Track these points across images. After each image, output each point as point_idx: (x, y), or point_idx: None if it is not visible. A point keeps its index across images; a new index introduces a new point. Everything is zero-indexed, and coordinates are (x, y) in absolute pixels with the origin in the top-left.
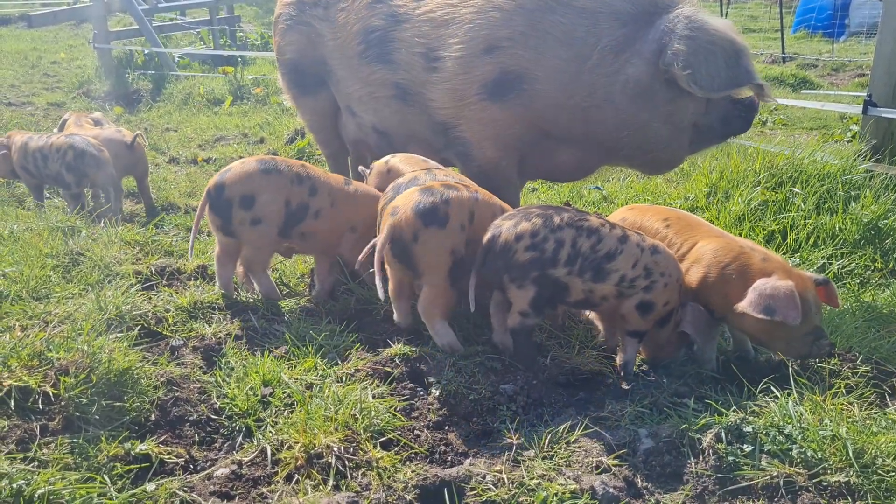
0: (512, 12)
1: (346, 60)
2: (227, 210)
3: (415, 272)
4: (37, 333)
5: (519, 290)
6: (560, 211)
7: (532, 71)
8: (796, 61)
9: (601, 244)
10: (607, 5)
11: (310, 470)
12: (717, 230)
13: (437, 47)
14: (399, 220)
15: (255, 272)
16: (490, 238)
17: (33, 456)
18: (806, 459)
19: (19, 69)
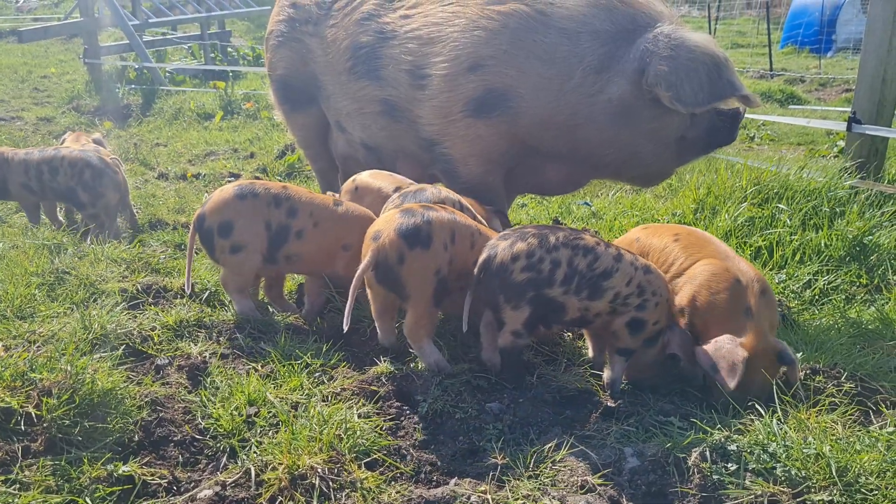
0: (496, 31)
1: (336, 76)
2: (210, 239)
3: (401, 295)
4: (20, 353)
5: (514, 310)
6: (555, 230)
7: (516, 89)
8: (784, 77)
9: (597, 262)
10: (588, 25)
11: (293, 492)
12: (724, 251)
13: (424, 65)
14: (383, 243)
15: (229, 291)
16: (486, 258)
17: (15, 478)
18: (790, 478)
19: (9, 84)
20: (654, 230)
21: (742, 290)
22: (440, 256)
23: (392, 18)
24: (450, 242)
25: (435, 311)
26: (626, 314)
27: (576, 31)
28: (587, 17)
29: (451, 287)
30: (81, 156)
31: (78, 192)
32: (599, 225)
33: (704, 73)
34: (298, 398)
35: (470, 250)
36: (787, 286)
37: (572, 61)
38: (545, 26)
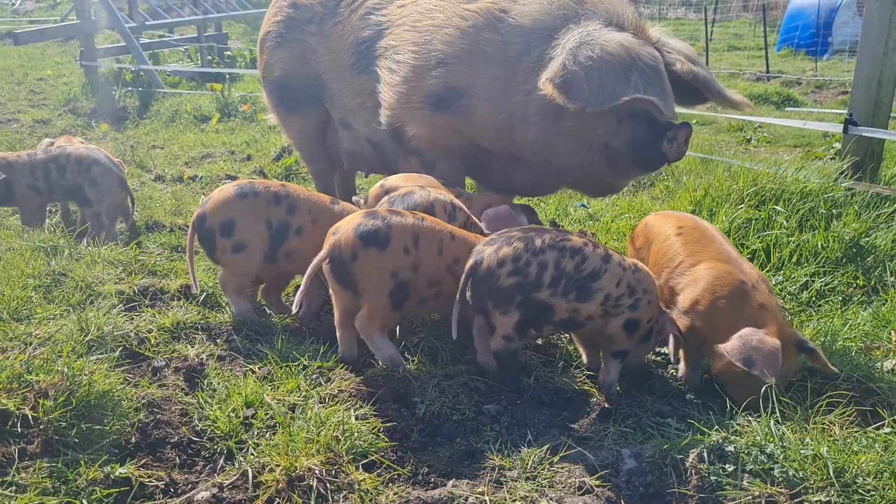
0: (464, 31)
1: (340, 73)
2: (211, 239)
3: (354, 293)
4: (17, 355)
5: (503, 315)
6: (541, 232)
7: (472, 87)
8: (780, 79)
9: (585, 264)
10: (541, 22)
11: (290, 493)
12: (725, 252)
13: (400, 51)
14: (339, 239)
15: (227, 292)
16: (472, 265)
17: (11, 480)
18: (788, 479)
19: (5, 86)
20: (664, 218)
21: (748, 292)
22: (398, 259)
23: (390, 10)
24: (412, 247)
25: (389, 309)
26: (621, 316)
27: (529, 30)
28: (543, 17)
29: (422, 294)
30: (88, 153)
31: (85, 189)
32: (596, 227)
33: (607, 74)
34: (296, 400)
35: (438, 256)
36: (785, 287)
37: (522, 59)
38: (505, 24)
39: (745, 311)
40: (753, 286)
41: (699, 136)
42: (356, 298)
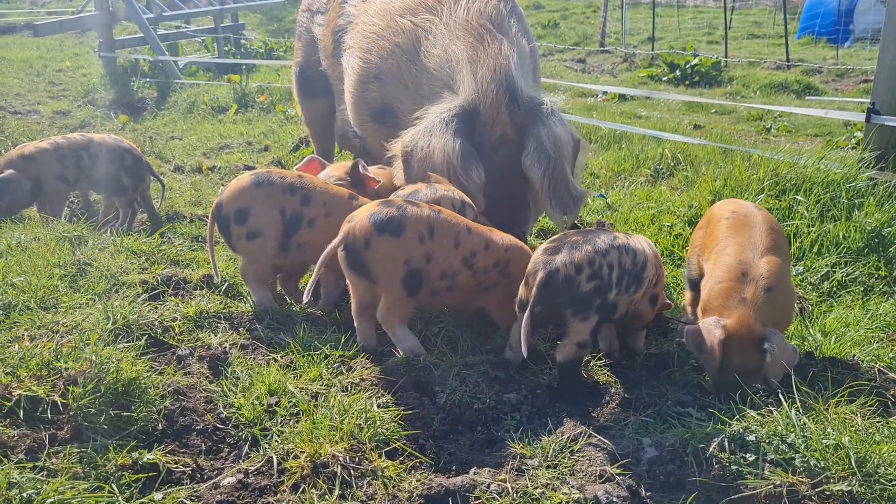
0: (394, 46)
1: (327, 59)
2: (227, 227)
3: (368, 279)
4: (45, 343)
5: (583, 321)
6: (593, 234)
7: (398, 108)
8: (800, 67)
9: (637, 257)
10: (440, 70)
11: (315, 479)
12: (752, 242)
13: (353, 56)
14: (353, 226)
15: (248, 282)
16: (546, 275)
17: (42, 465)
18: (809, 468)
19: (25, 78)
20: (725, 203)
21: (738, 286)
22: (411, 247)
23: (357, 4)
24: (427, 237)
25: (408, 300)
26: (649, 293)
27: (432, 75)
28: (440, 67)
29: (435, 285)
30: (118, 142)
31: (121, 177)
32: (615, 217)
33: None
34: (318, 388)
35: (454, 248)
36: (805, 278)
37: (422, 102)
38: (419, 58)
39: (729, 304)
40: (752, 279)
41: (719, 125)
42: (371, 286)
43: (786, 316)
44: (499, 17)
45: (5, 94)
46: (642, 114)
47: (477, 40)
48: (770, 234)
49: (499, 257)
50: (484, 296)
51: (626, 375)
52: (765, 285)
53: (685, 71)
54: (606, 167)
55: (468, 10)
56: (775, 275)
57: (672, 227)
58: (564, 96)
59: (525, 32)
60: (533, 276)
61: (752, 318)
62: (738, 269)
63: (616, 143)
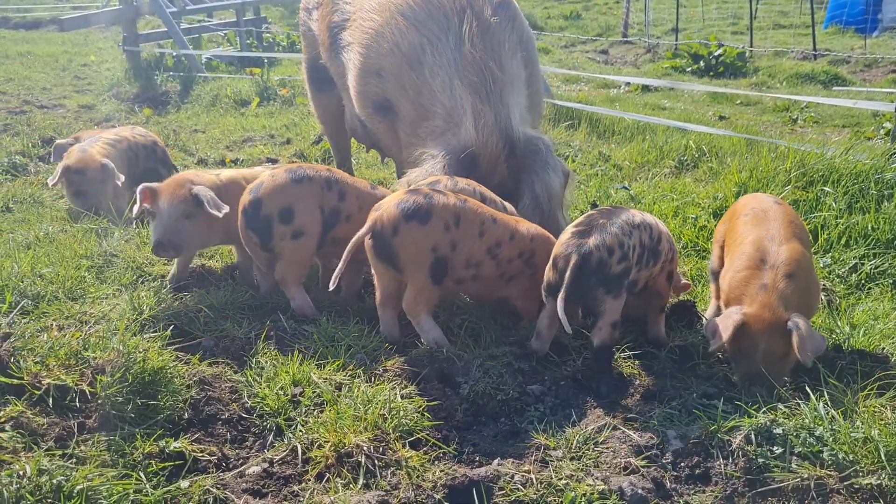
0: (393, 46)
1: (326, 54)
2: (268, 226)
3: (396, 268)
4: (73, 333)
5: (615, 300)
6: (614, 214)
7: (398, 106)
8: (828, 57)
9: (653, 231)
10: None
11: (340, 469)
12: (771, 233)
13: (353, 52)
14: (381, 214)
15: (288, 286)
16: (580, 260)
17: (72, 452)
18: (837, 462)
19: (51, 72)
20: (748, 198)
21: (756, 273)
22: (438, 235)
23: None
24: (453, 225)
25: (434, 289)
26: (665, 269)
27: (435, 96)
28: (445, 93)
29: (459, 274)
30: (148, 136)
31: (160, 171)
32: (638, 209)
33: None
34: (342, 379)
35: (478, 237)
36: (833, 270)
37: (423, 119)
38: (422, 68)
39: (748, 293)
40: (772, 265)
41: (744, 116)
42: (397, 274)
43: (809, 305)
44: (500, 48)
45: (32, 89)
46: (666, 105)
47: (481, 81)
48: (789, 226)
49: (524, 247)
50: (508, 286)
51: (651, 367)
52: (785, 271)
53: (709, 62)
54: (630, 159)
55: (472, 36)
56: (795, 261)
57: (696, 218)
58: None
59: (524, 51)
60: (564, 259)
61: (775, 301)
62: (757, 257)
63: (640, 134)
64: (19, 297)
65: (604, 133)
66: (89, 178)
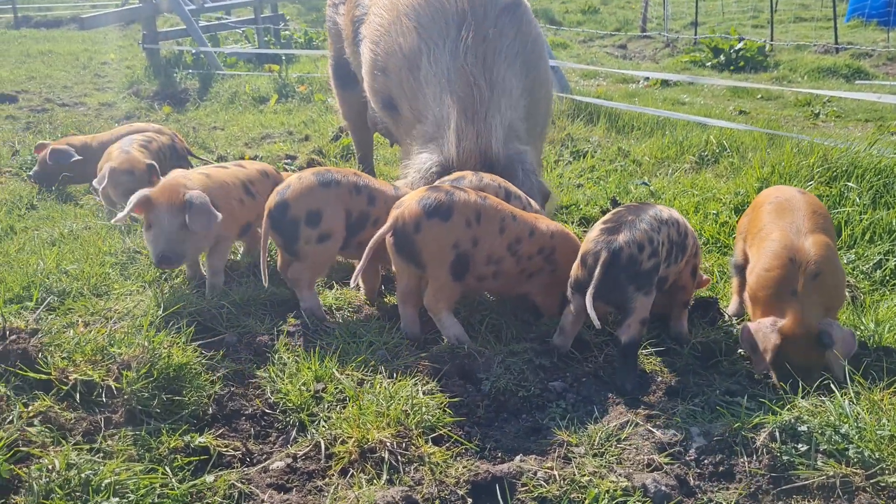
0: (395, 45)
1: (350, 48)
2: (294, 229)
3: (417, 265)
4: (99, 329)
5: (646, 297)
6: (642, 211)
7: (399, 104)
8: (850, 51)
9: (679, 226)
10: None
11: (363, 464)
12: (797, 226)
13: (365, 46)
14: (402, 211)
15: (301, 287)
16: (610, 255)
17: (99, 447)
18: (863, 459)
19: (71, 70)
20: (771, 189)
21: (788, 277)
22: (459, 231)
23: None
24: (474, 222)
25: (455, 286)
26: (690, 263)
27: (428, 103)
28: (435, 97)
29: (480, 271)
30: (171, 135)
31: (184, 166)
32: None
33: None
34: (364, 375)
35: (499, 234)
36: (857, 266)
37: (417, 120)
38: (420, 73)
39: (780, 300)
40: (800, 265)
41: (765, 111)
42: (418, 271)
43: (837, 297)
44: (494, 60)
45: (53, 87)
46: (685, 100)
47: (467, 97)
48: (813, 216)
49: (544, 244)
50: (528, 282)
51: (674, 364)
52: (813, 271)
53: (729, 56)
54: (649, 154)
55: (466, 48)
56: (822, 257)
57: (718, 214)
58: (606, 82)
59: (527, 58)
60: (594, 255)
61: (806, 313)
62: (786, 256)
63: (659, 129)
64: (45, 294)
65: (623, 128)
66: (137, 178)
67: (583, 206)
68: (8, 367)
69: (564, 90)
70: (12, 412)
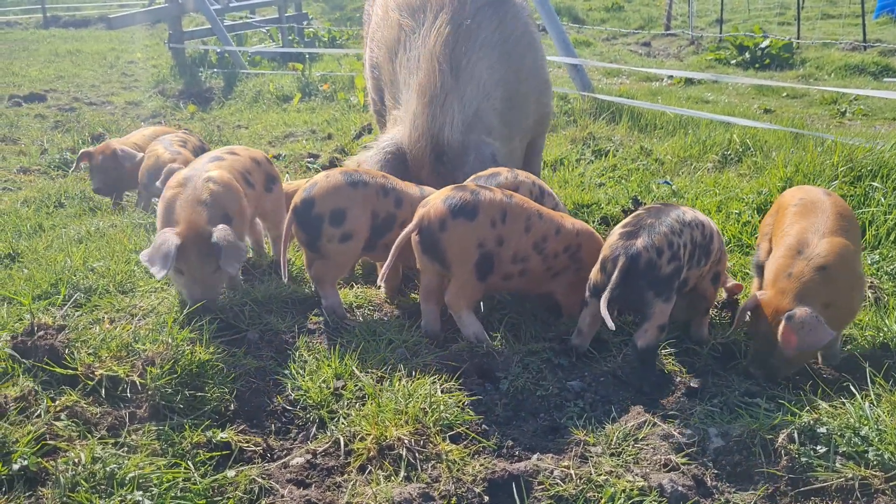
0: (380, 43)
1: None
2: (318, 227)
3: (442, 264)
4: (124, 326)
5: (665, 302)
6: (663, 213)
7: (385, 93)
8: (878, 48)
9: (705, 229)
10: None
11: (382, 461)
12: (817, 227)
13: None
14: (428, 210)
15: (324, 286)
16: (628, 260)
17: (123, 441)
18: (883, 462)
19: (98, 69)
20: (795, 190)
21: (795, 260)
22: (485, 231)
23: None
24: (500, 221)
25: (478, 284)
26: (714, 270)
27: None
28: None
29: (506, 269)
30: (198, 136)
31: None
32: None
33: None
34: (383, 373)
35: (524, 233)
36: (881, 267)
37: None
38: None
39: (782, 299)
40: (806, 256)
41: (790, 109)
42: (443, 270)
43: (843, 298)
44: (464, 49)
45: (81, 86)
46: (709, 98)
47: (429, 84)
48: (837, 218)
49: (570, 241)
50: (553, 281)
51: (693, 365)
52: (818, 263)
53: (755, 53)
54: (672, 153)
55: (438, 35)
56: (834, 254)
57: (740, 214)
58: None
59: (505, 50)
60: (612, 261)
61: (793, 290)
62: (796, 247)
63: (682, 128)
64: (72, 291)
65: (645, 127)
66: None
67: (604, 205)
68: (36, 363)
69: (587, 88)
70: (40, 406)
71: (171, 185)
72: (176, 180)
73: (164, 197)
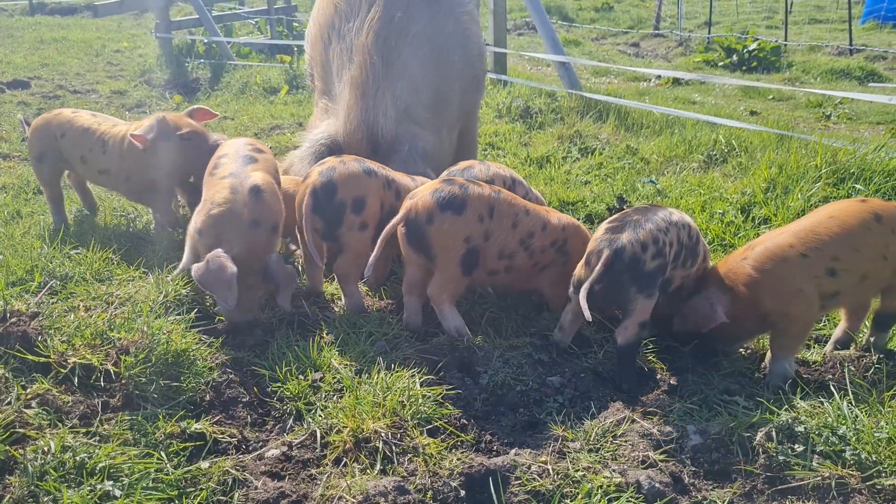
0: (316, 24)
1: None
2: (340, 214)
3: (427, 256)
4: (99, 314)
5: (648, 298)
6: (651, 211)
7: (314, 73)
8: (864, 53)
9: (691, 231)
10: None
11: (358, 454)
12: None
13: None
14: (415, 203)
15: (350, 282)
16: (612, 254)
17: (95, 430)
18: (860, 461)
19: (84, 58)
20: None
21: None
22: (472, 226)
23: None
24: (487, 216)
25: (462, 279)
26: (700, 269)
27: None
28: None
29: (492, 265)
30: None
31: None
32: (665, 203)
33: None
34: (362, 365)
35: (511, 229)
36: None
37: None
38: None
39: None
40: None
41: (776, 111)
42: (428, 263)
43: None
44: (395, 41)
45: (66, 74)
46: (697, 99)
47: (362, 75)
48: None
49: (556, 236)
50: (539, 275)
51: (673, 362)
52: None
53: (742, 56)
54: (658, 152)
55: (370, 27)
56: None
57: (724, 214)
58: (617, 80)
59: (438, 45)
60: (597, 255)
61: (732, 272)
62: (773, 256)
63: (668, 128)
64: (48, 278)
65: (632, 126)
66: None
67: (589, 203)
68: (7, 350)
69: (575, 87)
70: (10, 394)
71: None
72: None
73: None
